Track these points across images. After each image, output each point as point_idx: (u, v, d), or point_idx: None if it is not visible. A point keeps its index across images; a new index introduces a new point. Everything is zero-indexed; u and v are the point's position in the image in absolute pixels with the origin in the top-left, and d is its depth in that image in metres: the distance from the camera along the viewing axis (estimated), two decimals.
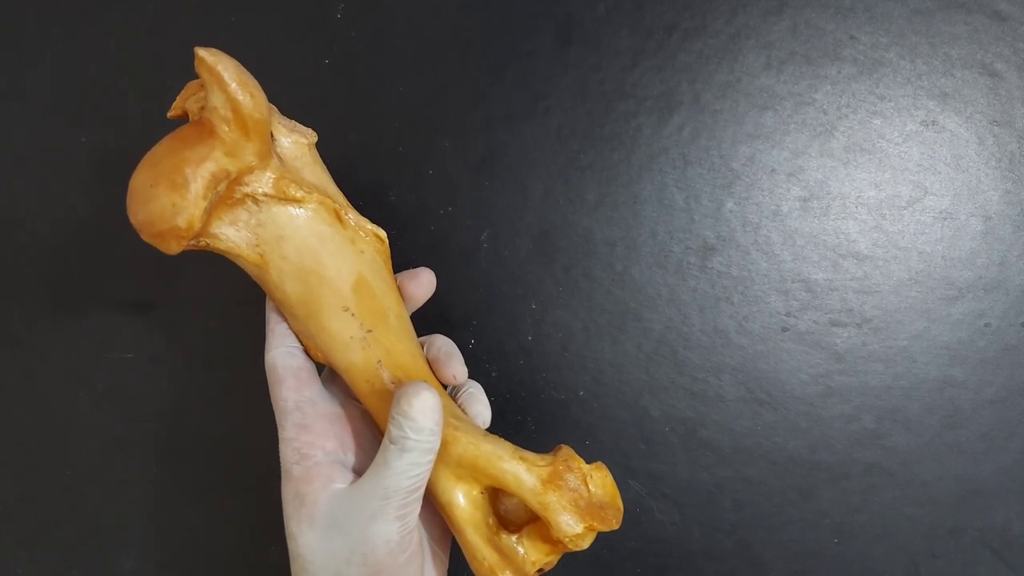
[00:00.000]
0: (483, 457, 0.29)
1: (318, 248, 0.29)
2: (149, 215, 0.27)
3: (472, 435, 0.29)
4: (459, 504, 0.29)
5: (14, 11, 0.43)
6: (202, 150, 0.27)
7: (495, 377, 0.39)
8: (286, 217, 0.29)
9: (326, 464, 0.29)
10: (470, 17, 0.40)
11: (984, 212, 0.37)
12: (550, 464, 0.29)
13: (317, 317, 0.30)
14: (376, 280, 0.31)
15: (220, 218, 0.28)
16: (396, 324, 0.31)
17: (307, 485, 0.28)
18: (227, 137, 0.27)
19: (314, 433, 0.29)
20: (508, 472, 0.28)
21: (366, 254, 0.31)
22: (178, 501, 0.40)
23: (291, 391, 0.30)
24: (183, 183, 0.26)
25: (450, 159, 0.39)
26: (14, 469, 0.41)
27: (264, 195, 0.28)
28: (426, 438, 0.27)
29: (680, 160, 0.38)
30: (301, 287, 0.29)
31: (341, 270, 0.30)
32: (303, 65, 0.41)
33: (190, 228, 0.27)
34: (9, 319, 0.42)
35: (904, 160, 0.37)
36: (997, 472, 0.37)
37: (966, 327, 0.37)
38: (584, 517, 0.28)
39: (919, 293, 0.37)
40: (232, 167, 0.27)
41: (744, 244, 0.38)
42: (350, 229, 0.30)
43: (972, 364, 0.37)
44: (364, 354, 0.30)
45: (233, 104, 0.26)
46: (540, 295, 0.39)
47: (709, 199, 0.38)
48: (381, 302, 0.31)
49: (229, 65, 0.27)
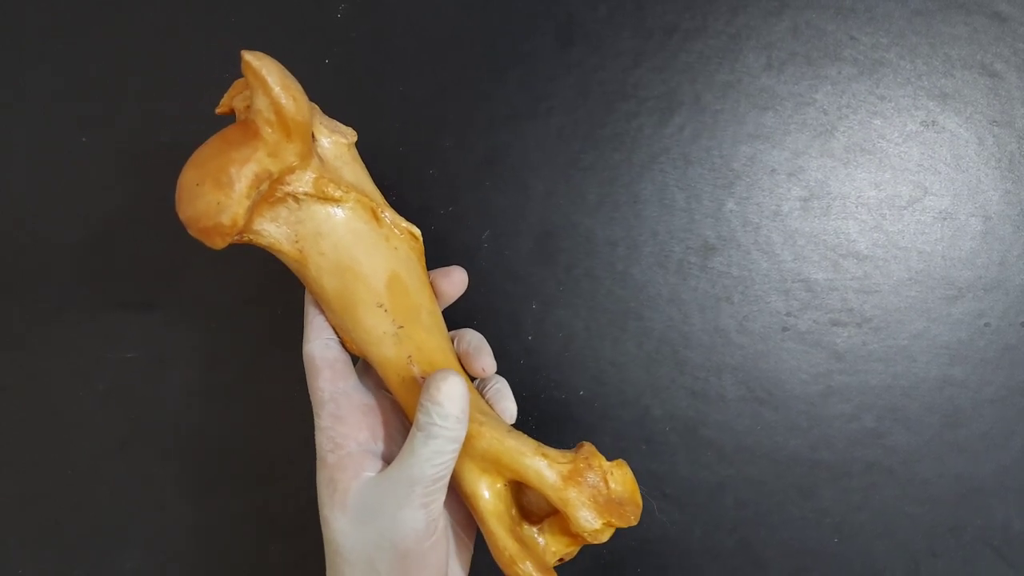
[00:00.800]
0: (506, 452, 0.30)
1: (354, 245, 0.30)
2: (196, 212, 0.28)
3: (497, 430, 0.30)
4: (483, 496, 0.30)
5: (14, 11, 0.42)
6: (246, 151, 0.28)
7: None
8: (324, 215, 0.30)
9: (358, 454, 0.30)
10: (471, 17, 0.40)
11: (984, 212, 0.37)
12: (571, 461, 0.30)
13: (352, 312, 0.31)
14: (410, 277, 0.32)
15: (262, 215, 0.29)
16: (428, 320, 0.32)
17: (340, 473, 0.30)
18: (270, 138, 0.28)
19: (348, 424, 0.31)
20: (530, 468, 0.30)
21: (400, 251, 0.32)
22: (179, 501, 0.40)
23: (327, 382, 0.31)
24: (228, 182, 0.27)
25: (451, 159, 0.39)
26: (16, 469, 0.41)
27: (304, 194, 0.29)
28: (452, 425, 0.28)
29: (681, 160, 0.38)
30: (338, 283, 0.30)
31: (376, 267, 0.31)
32: (303, 65, 0.40)
33: (234, 225, 0.28)
34: (10, 319, 0.42)
35: (904, 160, 0.37)
36: (997, 471, 0.37)
37: (966, 327, 0.37)
38: (603, 513, 0.29)
39: (919, 293, 0.37)
40: (274, 167, 0.28)
41: (745, 244, 0.38)
42: (385, 227, 0.31)
43: (972, 363, 0.37)
44: (396, 349, 0.31)
45: (276, 107, 0.28)
46: (541, 295, 0.39)
47: (710, 199, 0.38)
48: (414, 299, 0.32)
49: (273, 69, 0.28)
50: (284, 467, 0.40)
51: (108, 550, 0.41)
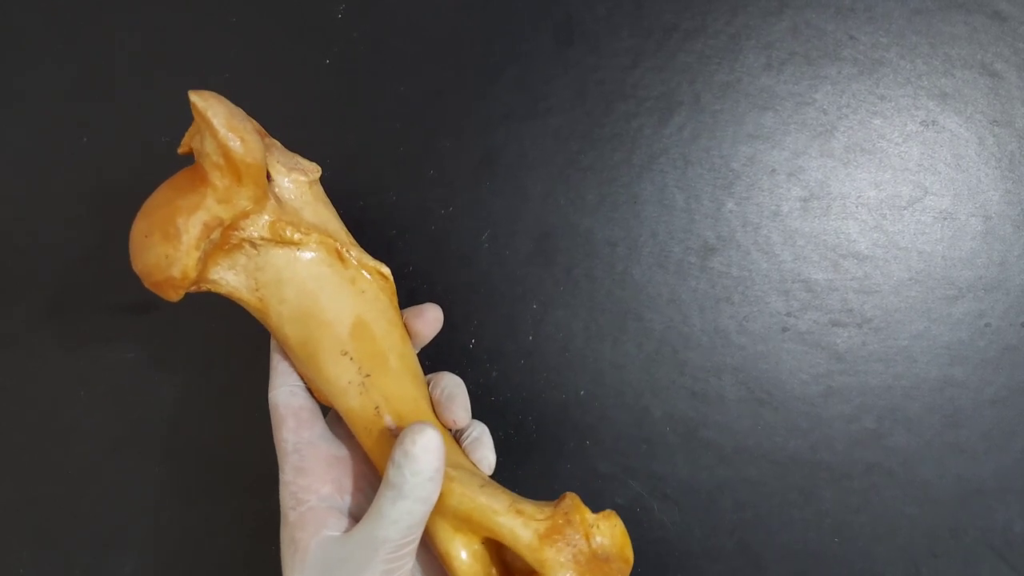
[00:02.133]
0: (478, 510, 0.28)
1: (316, 291, 0.29)
2: (146, 265, 0.27)
3: (468, 486, 0.28)
4: (459, 557, 0.28)
5: (14, 11, 0.43)
6: (194, 199, 0.26)
7: (495, 377, 0.39)
8: (284, 260, 0.28)
9: (321, 509, 0.28)
10: (470, 18, 0.40)
11: (984, 212, 0.37)
12: (549, 518, 0.27)
13: (315, 360, 0.29)
14: (378, 321, 0.30)
15: (218, 263, 0.28)
16: (397, 366, 0.30)
17: (300, 531, 0.28)
18: (219, 183, 0.26)
19: (311, 477, 0.29)
20: (504, 527, 0.27)
21: (368, 293, 0.30)
22: (178, 502, 0.40)
23: (291, 432, 0.30)
24: (175, 234, 0.26)
25: (450, 160, 0.39)
26: (14, 470, 0.41)
27: (261, 239, 0.28)
28: (423, 482, 0.26)
29: (680, 160, 0.38)
30: (300, 330, 0.29)
31: (340, 313, 0.29)
32: (303, 65, 0.41)
33: (184, 278, 0.27)
34: (9, 320, 0.42)
35: (904, 160, 0.37)
36: (998, 472, 0.37)
37: (966, 327, 0.37)
38: (584, 574, 0.27)
39: (919, 293, 0.37)
40: (225, 214, 0.27)
41: (744, 244, 0.38)
42: (351, 268, 0.30)
43: (972, 364, 0.37)
44: (361, 399, 0.29)
45: (224, 150, 0.26)
46: (540, 295, 0.39)
47: (709, 199, 0.38)
48: (381, 344, 0.30)
49: (220, 110, 0.26)
50: None
51: (106, 552, 0.40)
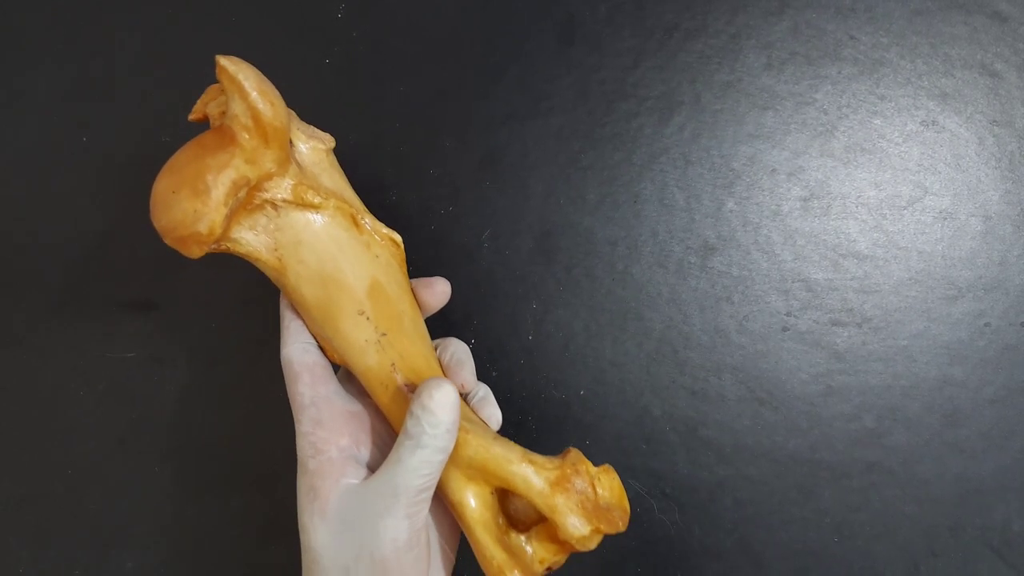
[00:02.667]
0: (493, 460, 0.29)
1: (335, 253, 0.30)
2: (171, 221, 0.27)
3: (483, 438, 0.30)
4: (469, 504, 0.30)
5: (14, 11, 0.43)
6: (223, 157, 0.27)
7: (496, 376, 0.39)
8: (304, 222, 0.29)
9: (340, 460, 0.29)
10: (471, 17, 0.40)
11: (984, 212, 0.37)
12: (558, 467, 0.29)
13: (333, 320, 0.30)
14: (391, 284, 0.31)
15: (240, 223, 0.29)
16: (410, 327, 0.31)
17: (320, 480, 0.29)
18: (247, 145, 0.27)
19: (329, 429, 0.30)
20: (517, 475, 0.29)
21: (381, 258, 0.31)
22: (180, 500, 0.40)
23: (307, 387, 0.30)
24: (204, 190, 0.27)
25: (451, 159, 0.39)
26: (16, 468, 0.41)
27: (283, 201, 0.29)
28: (442, 434, 0.27)
29: (681, 160, 0.38)
30: (318, 291, 0.30)
31: (357, 274, 0.30)
32: (304, 65, 0.41)
33: (211, 233, 0.27)
34: (10, 319, 0.42)
35: (904, 160, 0.37)
36: (997, 471, 0.37)
37: (966, 327, 0.37)
38: (591, 519, 0.29)
39: (919, 293, 0.37)
40: (252, 174, 0.28)
41: (745, 244, 0.38)
42: (366, 234, 0.31)
43: (972, 363, 0.37)
44: (379, 357, 0.30)
45: (253, 113, 0.27)
46: (541, 294, 0.39)
47: (710, 199, 0.38)
48: (396, 306, 0.31)
49: (250, 74, 0.27)
50: (283, 466, 0.40)
51: (108, 550, 0.41)
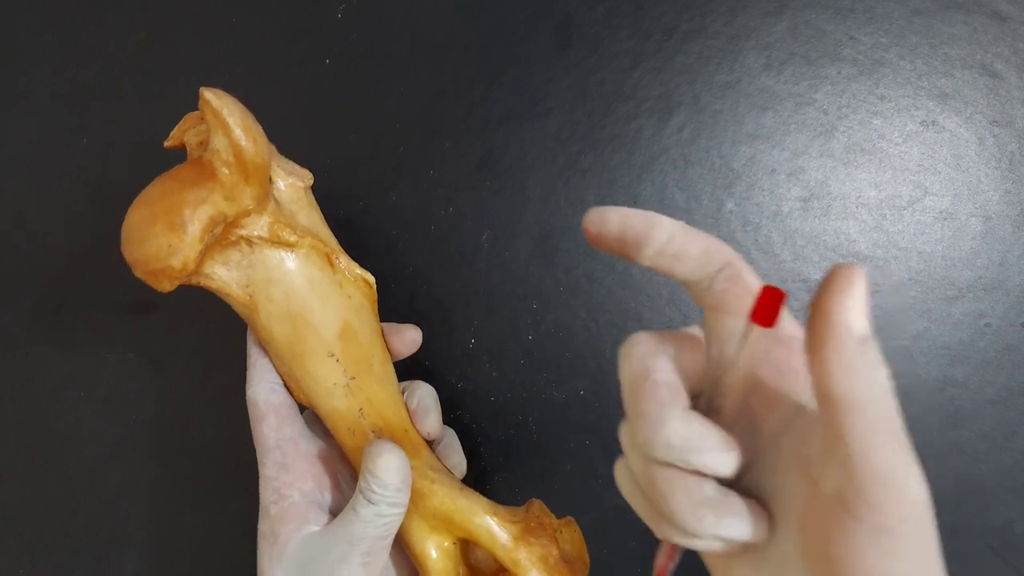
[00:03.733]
0: (458, 512, 0.29)
1: (307, 292, 0.30)
2: (144, 254, 0.27)
3: (448, 488, 0.30)
4: (431, 555, 0.30)
5: (14, 12, 0.43)
6: (201, 192, 0.27)
7: (496, 377, 0.39)
8: (277, 260, 0.29)
9: (302, 505, 0.29)
10: (470, 19, 0.40)
11: (984, 212, 0.37)
12: (522, 521, 0.30)
13: (302, 361, 0.30)
14: (362, 327, 0.31)
15: (213, 258, 0.29)
16: (380, 372, 0.31)
17: (282, 525, 0.29)
18: (227, 181, 0.27)
19: (293, 473, 0.30)
20: (481, 528, 0.29)
21: (354, 299, 0.31)
22: (178, 503, 0.40)
23: (272, 429, 0.30)
24: (181, 225, 0.26)
25: (450, 160, 0.39)
26: (15, 471, 0.41)
27: (259, 238, 0.28)
28: (391, 494, 0.27)
29: (680, 161, 0.38)
30: (288, 330, 0.30)
31: (328, 315, 0.30)
32: (304, 66, 0.41)
33: (184, 269, 0.27)
34: (9, 320, 0.42)
35: (904, 160, 0.37)
36: (997, 472, 0.37)
37: (966, 327, 0.37)
38: (551, 573, 0.29)
39: (919, 293, 0.37)
40: (230, 210, 0.27)
41: (745, 244, 0.38)
42: (339, 273, 0.31)
43: (972, 364, 0.37)
44: (347, 401, 0.30)
45: (236, 149, 0.27)
46: (540, 296, 0.39)
47: (709, 200, 0.38)
48: (366, 350, 0.31)
49: (235, 109, 0.27)
50: None
51: (107, 552, 0.41)
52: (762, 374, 0.22)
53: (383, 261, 0.40)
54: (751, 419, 0.22)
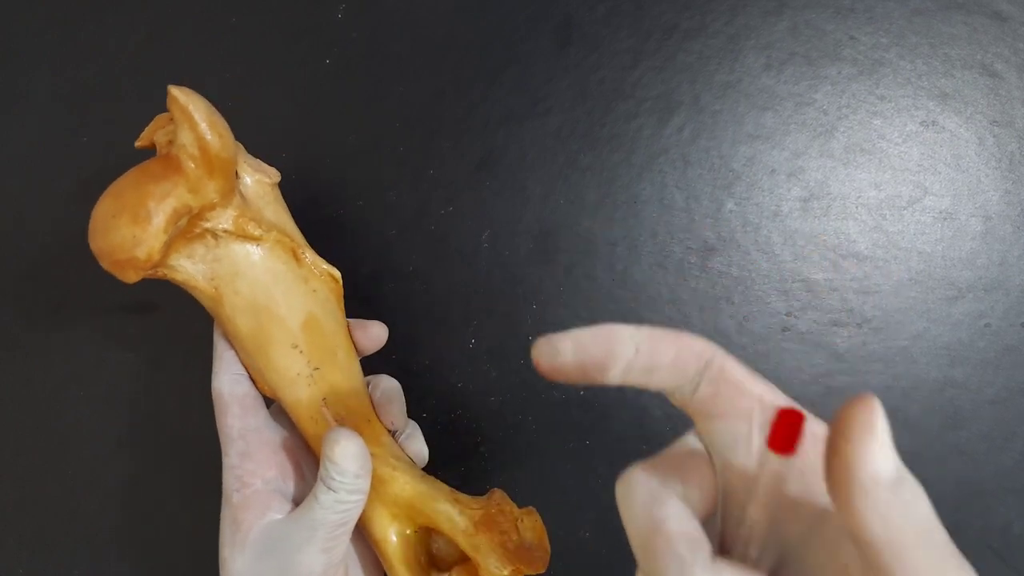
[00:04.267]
0: (419, 497, 0.30)
1: (271, 285, 0.30)
2: (109, 244, 0.28)
3: (410, 475, 0.30)
4: (391, 541, 0.30)
5: (14, 12, 0.43)
6: (166, 185, 0.27)
7: (495, 377, 0.39)
8: (243, 253, 0.29)
9: (264, 493, 0.30)
10: (470, 18, 0.40)
11: (984, 212, 0.37)
12: (483, 507, 0.30)
13: (266, 352, 0.30)
14: (327, 319, 0.31)
15: (178, 251, 0.29)
16: (344, 363, 0.32)
17: (244, 512, 0.29)
18: (192, 174, 0.28)
19: (256, 461, 0.30)
20: (442, 513, 0.30)
21: (319, 293, 0.31)
22: (178, 502, 0.40)
23: (236, 419, 0.30)
24: (145, 216, 0.27)
25: (450, 159, 0.39)
26: (15, 471, 0.41)
27: (224, 231, 0.29)
28: (350, 480, 0.28)
29: (680, 161, 0.38)
30: (252, 322, 0.30)
31: (292, 307, 0.30)
32: (303, 66, 0.41)
33: (149, 259, 0.28)
34: (9, 320, 0.42)
35: (904, 160, 0.37)
36: (997, 472, 0.37)
37: (966, 327, 0.37)
38: (511, 559, 0.29)
39: (919, 293, 0.37)
40: (194, 203, 0.28)
41: (744, 244, 0.38)
42: (305, 268, 0.31)
43: (972, 364, 0.37)
44: (309, 391, 0.31)
45: (201, 143, 0.27)
46: (540, 295, 0.39)
47: (709, 199, 0.38)
48: (330, 341, 0.31)
49: (200, 105, 0.27)
50: None
51: (106, 552, 0.41)
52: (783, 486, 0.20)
53: (383, 261, 0.40)
54: (776, 527, 0.20)
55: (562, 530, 0.37)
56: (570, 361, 0.20)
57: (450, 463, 0.39)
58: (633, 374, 0.20)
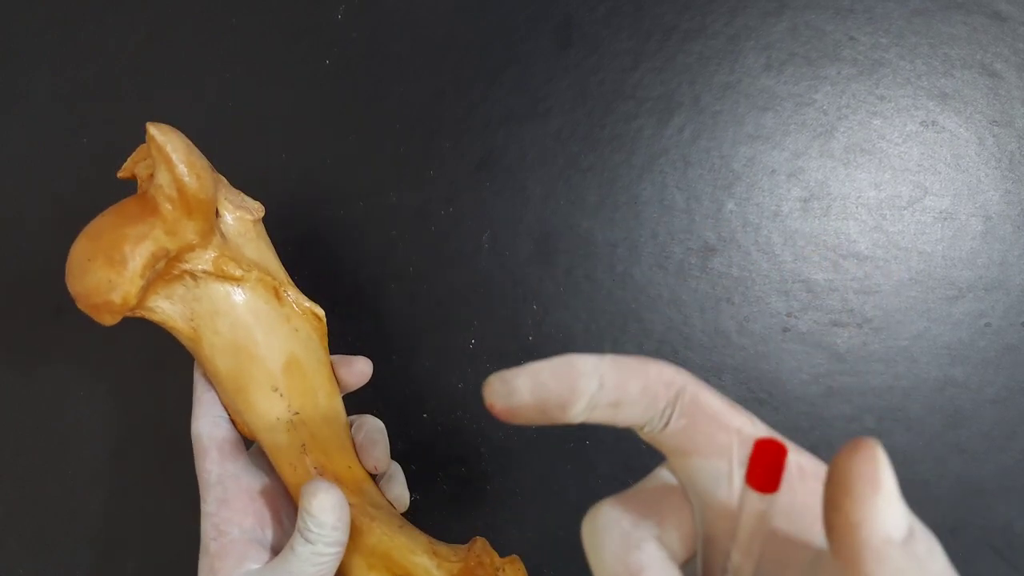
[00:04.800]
0: (396, 550, 0.29)
1: (252, 325, 0.29)
2: (85, 288, 0.27)
3: (387, 526, 0.29)
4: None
5: (14, 12, 0.43)
6: (142, 228, 0.27)
7: None
8: (222, 294, 0.29)
9: (241, 542, 0.29)
10: (470, 19, 0.40)
11: (984, 212, 0.37)
12: (462, 560, 0.29)
13: (245, 394, 0.30)
14: (309, 359, 0.31)
15: (156, 292, 0.28)
16: (325, 406, 0.31)
17: (220, 561, 0.29)
18: (169, 216, 0.27)
19: (233, 509, 0.29)
20: (419, 566, 0.29)
21: (301, 332, 0.31)
22: (179, 503, 0.40)
23: (215, 463, 0.30)
24: (121, 260, 0.26)
25: (450, 160, 0.39)
26: (16, 471, 0.41)
27: (203, 272, 0.28)
28: (328, 533, 0.27)
29: (680, 161, 0.38)
30: (232, 363, 0.29)
31: (273, 349, 0.30)
32: (303, 67, 0.41)
33: (125, 304, 0.27)
34: (10, 321, 0.42)
35: (904, 160, 0.37)
36: (998, 471, 0.37)
37: (967, 327, 0.37)
38: None
39: (919, 293, 0.37)
40: (172, 245, 0.27)
41: (745, 245, 0.38)
42: (287, 306, 0.30)
43: (973, 364, 0.37)
44: (289, 436, 0.30)
45: (179, 184, 0.26)
46: (541, 296, 0.39)
47: (710, 200, 0.38)
48: (311, 382, 0.31)
49: (179, 145, 0.27)
50: None
51: (108, 552, 0.40)
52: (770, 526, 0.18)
53: (383, 261, 0.40)
54: (763, 573, 0.18)
55: (562, 530, 0.37)
56: (528, 401, 0.18)
57: (450, 463, 0.39)
58: (598, 410, 0.18)
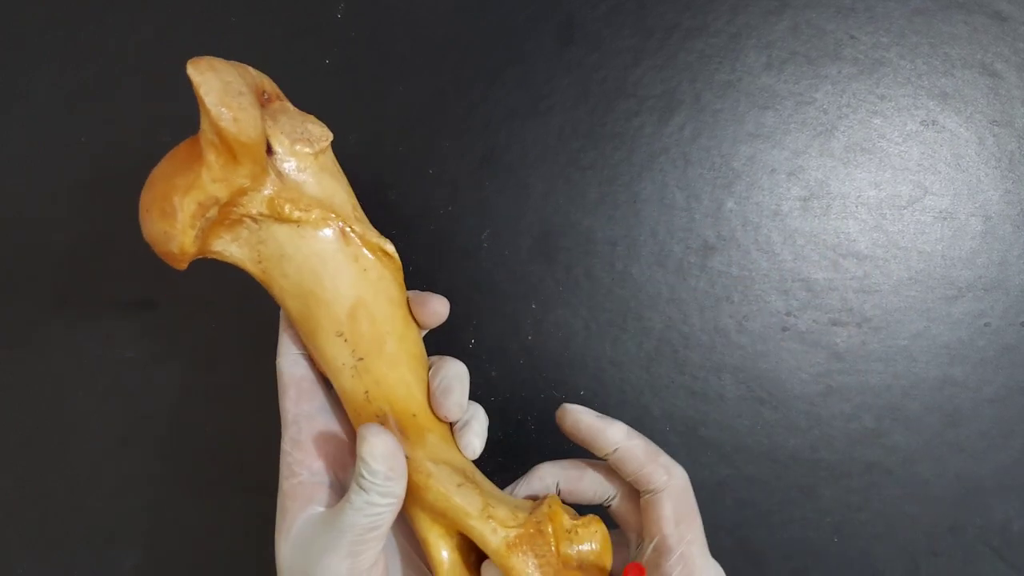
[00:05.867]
0: (451, 510, 0.28)
1: (318, 269, 0.28)
2: (150, 237, 0.27)
3: (446, 485, 0.28)
4: (434, 544, 0.29)
5: (14, 12, 0.43)
6: (189, 177, 0.26)
7: (495, 376, 0.39)
8: (286, 235, 0.28)
9: (309, 484, 0.29)
10: (471, 17, 0.40)
11: (984, 212, 0.37)
12: (520, 526, 0.28)
13: (313, 338, 0.29)
14: (378, 302, 0.29)
15: (221, 236, 0.28)
16: (395, 350, 0.30)
17: (290, 501, 0.28)
18: (214, 163, 0.26)
19: (304, 451, 0.29)
20: (474, 530, 0.28)
21: (370, 272, 0.29)
22: (179, 499, 0.40)
23: (292, 403, 0.30)
24: (171, 212, 0.26)
25: (451, 159, 0.39)
26: (16, 467, 0.41)
27: (259, 215, 0.27)
28: (380, 483, 0.26)
29: (681, 160, 0.38)
30: (300, 306, 0.29)
31: (339, 293, 0.29)
32: (303, 65, 0.41)
33: (183, 253, 0.27)
34: (10, 319, 0.42)
35: (904, 160, 0.37)
36: (997, 470, 0.37)
37: (966, 326, 0.37)
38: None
39: (919, 292, 0.37)
40: (221, 192, 0.26)
41: (744, 243, 0.38)
42: (353, 246, 0.29)
43: (972, 363, 0.37)
44: (353, 382, 0.29)
45: (217, 130, 0.25)
46: (541, 294, 0.39)
47: (710, 199, 0.38)
48: (380, 327, 0.29)
49: (215, 85, 0.25)
50: None
51: (108, 549, 0.41)
52: None
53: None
54: None
55: None
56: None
57: None
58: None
